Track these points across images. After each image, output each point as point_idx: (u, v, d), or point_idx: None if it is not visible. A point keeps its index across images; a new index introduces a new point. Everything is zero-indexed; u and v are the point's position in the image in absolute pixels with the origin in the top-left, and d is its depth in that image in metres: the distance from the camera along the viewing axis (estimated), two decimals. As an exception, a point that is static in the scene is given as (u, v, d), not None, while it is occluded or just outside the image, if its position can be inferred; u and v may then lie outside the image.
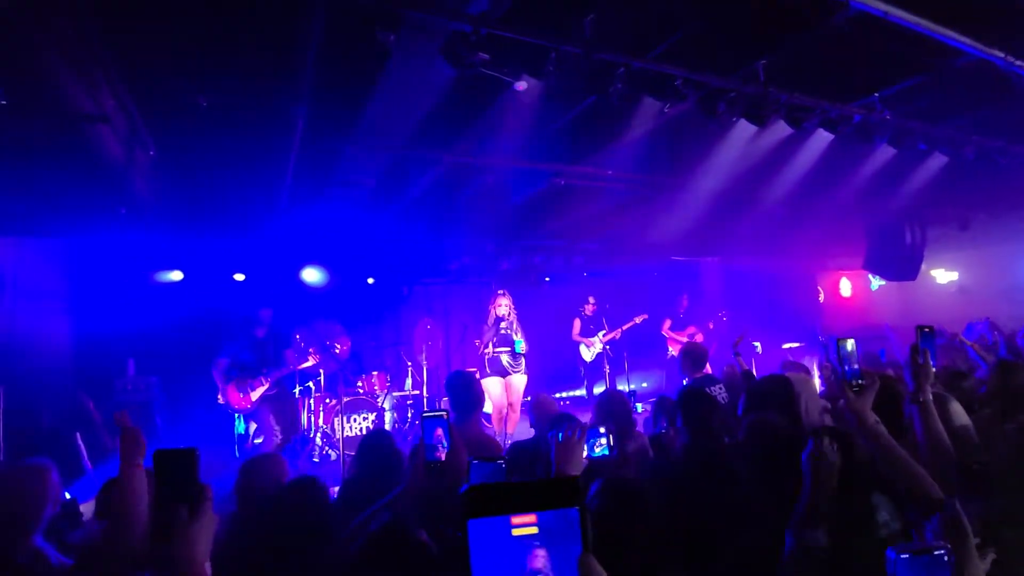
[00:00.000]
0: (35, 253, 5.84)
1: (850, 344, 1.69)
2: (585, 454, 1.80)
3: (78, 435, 4.84)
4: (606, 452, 1.92)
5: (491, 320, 5.72)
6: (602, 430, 1.90)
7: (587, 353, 8.11)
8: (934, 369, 1.78)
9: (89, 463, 4.77)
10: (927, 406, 1.75)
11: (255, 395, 4.89)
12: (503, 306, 5.74)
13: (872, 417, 1.64)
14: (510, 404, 5.66)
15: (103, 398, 5.79)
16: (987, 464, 1.75)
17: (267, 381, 4.90)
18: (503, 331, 5.65)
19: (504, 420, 5.58)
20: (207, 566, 1.06)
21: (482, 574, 0.48)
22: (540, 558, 0.49)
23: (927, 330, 1.87)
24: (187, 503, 1.04)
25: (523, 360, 5.77)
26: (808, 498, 1.51)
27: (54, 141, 4.57)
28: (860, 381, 1.66)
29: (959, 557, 1.10)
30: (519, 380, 5.69)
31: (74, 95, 3.96)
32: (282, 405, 5.04)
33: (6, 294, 5.55)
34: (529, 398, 4.87)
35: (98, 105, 4.15)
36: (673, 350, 8.23)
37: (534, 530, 0.49)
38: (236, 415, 5.08)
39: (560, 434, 1.60)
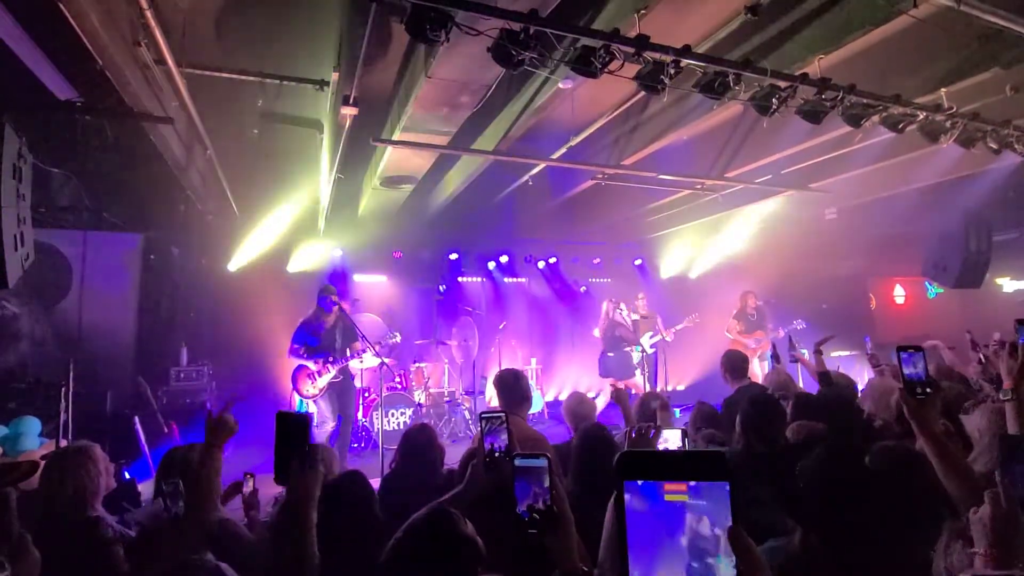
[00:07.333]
0: (101, 246, 6.18)
1: (914, 350, 1.60)
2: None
3: (136, 419, 5.09)
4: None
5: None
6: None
7: (635, 354, 7.95)
8: None
9: (146, 446, 5.01)
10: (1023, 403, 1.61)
11: (322, 382, 4.95)
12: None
13: (938, 427, 1.55)
14: None
15: (160, 384, 6.08)
16: None
17: (333, 368, 4.97)
18: None
19: None
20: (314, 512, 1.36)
21: (636, 531, 0.53)
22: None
23: None
24: (299, 458, 1.33)
25: None
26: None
27: (122, 140, 4.83)
28: (926, 389, 1.57)
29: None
30: None
31: (141, 96, 4.17)
32: (343, 394, 5.13)
33: (75, 285, 5.91)
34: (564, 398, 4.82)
35: (162, 106, 4.36)
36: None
37: (685, 497, 0.54)
38: (300, 401, 5.16)
39: (634, 430, 1.57)
